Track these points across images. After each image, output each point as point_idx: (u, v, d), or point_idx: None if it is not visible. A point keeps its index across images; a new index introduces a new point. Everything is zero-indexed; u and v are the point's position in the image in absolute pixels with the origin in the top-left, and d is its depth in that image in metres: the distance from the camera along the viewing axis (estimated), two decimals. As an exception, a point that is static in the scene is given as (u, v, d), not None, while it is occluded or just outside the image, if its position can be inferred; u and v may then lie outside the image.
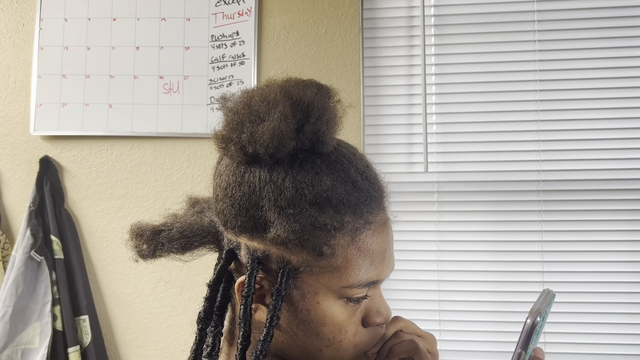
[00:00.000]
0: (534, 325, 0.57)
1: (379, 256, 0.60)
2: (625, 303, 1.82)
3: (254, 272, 0.59)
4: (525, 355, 0.57)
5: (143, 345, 1.97)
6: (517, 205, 1.88)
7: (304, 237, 0.57)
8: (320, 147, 0.60)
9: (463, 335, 1.88)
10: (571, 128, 1.88)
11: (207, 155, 1.98)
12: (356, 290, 0.59)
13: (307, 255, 0.58)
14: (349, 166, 0.60)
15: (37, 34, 2.04)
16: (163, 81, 1.99)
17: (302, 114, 0.59)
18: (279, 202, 0.58)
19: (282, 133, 0.58)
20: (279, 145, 0.58)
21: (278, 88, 0.61)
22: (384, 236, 0.61)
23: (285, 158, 0.59)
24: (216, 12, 2.00)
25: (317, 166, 0.59)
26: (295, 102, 0.60)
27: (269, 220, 0.58)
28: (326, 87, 0.63)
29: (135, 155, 2.01)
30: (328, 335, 0.59)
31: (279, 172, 0.58)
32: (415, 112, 1.93)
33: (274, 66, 1.98)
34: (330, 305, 0.59)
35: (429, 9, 1.95)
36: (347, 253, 0.58)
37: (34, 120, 2.02)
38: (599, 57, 1.88)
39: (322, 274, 0.58)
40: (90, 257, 2.00)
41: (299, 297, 0.59)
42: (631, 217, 1.84)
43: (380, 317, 0.62)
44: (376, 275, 0.60)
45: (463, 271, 1.89)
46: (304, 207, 0.57)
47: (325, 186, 0.58)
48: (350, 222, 0.58)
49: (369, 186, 0.61)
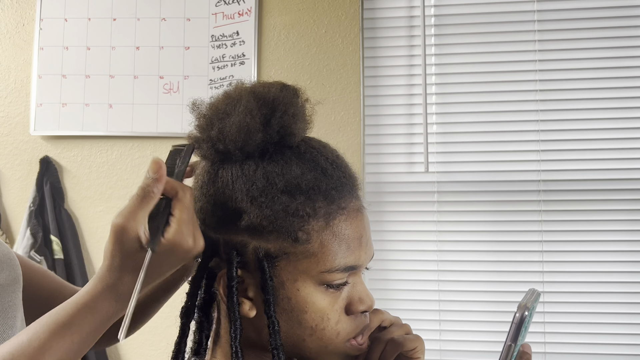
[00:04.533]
0: (523, 319, 0.59)
1: (355, 241, 0.61)
2: (625, 303, 1.82)
3: (233, 262, 0.60)
4: (515, 348, 0.59)
5: (143, 345, 1.97)
6: (517, 205, 1.88)
7: (277, 222, 0.59)
8: (288, 139, 0.62)
9: (463, 335, 1.87)
10: (571, 128, 1.88)
11: (207, 155, 1.98)
12: (335, 275, 0.60)
13: (282, 242, 0.59)
14: (318, 156, 0.63)
15: (37, 34, 2.04)
16: (163, 81, 1.99)
17: (267, 109, 0.61)
18: (251, 192, 0.60)
19: (249, 125, 0.60)
20: (246, 138, 0.60)
21: (243, 88, 0.64)
22: (359, 222, 0.62)
23: (255, 152, 0.61)
24: (216, 12, 2.00)
25: (287, 157, 0.61)
26: (260, 97, 0.62)
27: (243, 210, 0.60)
28: (292, 86, 0.65)
29: (135, 155, 2.01)
30: (310, 323, 0.60)
31: (250, 165, 0.61)
32: (415, 112, 1.93)
33: (274, 66, 1.98)
34: (310, 292, 0.60)
35: (429, 9, 1.95)
36: (323, 238, 0.59)
37: (34, 120, 2.02)
38: (599, 57, 1.88)
39: (299, 261, 0.59)
40: (90, 257, 2.00)
41: (278, 285, 0.60)
42: (631, 217, 1.84)
43: (363, 305, 0.63)
44: (353, 261, 0.61)
45: (463, 271, 1.89)
46: (275, 195, 0.59)
47: (294, 174, 0.60)
48: (322, 207, 0.60)
49: (340, 174, 0.62)
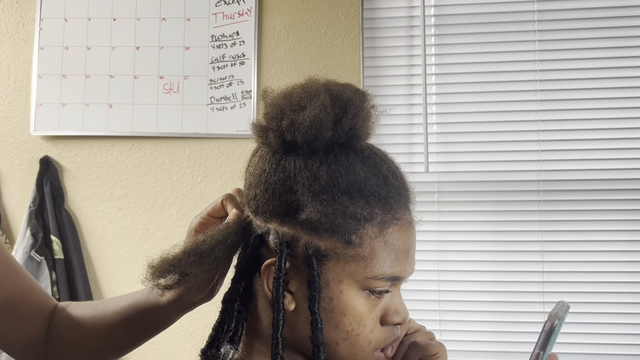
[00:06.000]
0: (552, 328, 0.61)
1: (403, 253, 0.62)
2: (625, 303, 1.82)
3: (283, 253, 0.60)
4: (543, 355, 0.61)
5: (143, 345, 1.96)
6: (517, 205, 1.88)
7: (336, 222, 0.59)
8: (355, 142, 0.63)
9: (463, 335, 1.87)
10: (571, 128, 1.88)
11: (207, 155, 1.98)
12: (379, 283, 0.60)
13: (335, 242, 0.59)
14: (381, 163, 0.63)
15: (37, 34, 2.04)
16: (163, 81, 1.99)
17: (340, 109, 0.62)
18: (313, 187, 0.60)
19: (322, 122, 0.60)
20: (317, 134, 0.60)
21: (319, 83, 0.64)
22: (409, 235, 0.63)
23: (321, 149, 0.62)
24: (216, 12, 2.00)
25: (351, 159, 0.62)
26: (335, 96, 0.62)
27: (302, 203, 0.60)
28: (364, 91, 0.66)
29: (135, 155, 2.01)
30: (347, 327, 0.61)
31: (315, 160, 0.61)
32: (415, 112, 1.93)
33: (274, 66, 1.98)
34: (352, 295, 0.60)
35: (429, 9, 1.95)
36: (374, 244, 0.60)
37: (34, 120, 2.02)
38: (599, 57, 1.88)
39: (348, 263, 0.60)
40: (90, 257, 2.00)
41: (323, 284, 0.60)
42: (631, 217, 1.84)
43: (398, 317, 0.63)
44: (399, 271, 0.62)
45: (463, 271, 1.89)
46: (336, 195, 0.60)
47: (358, 177, 0.61)
48: (379, 214, 0.60)
49: (399, 184, 0.64)
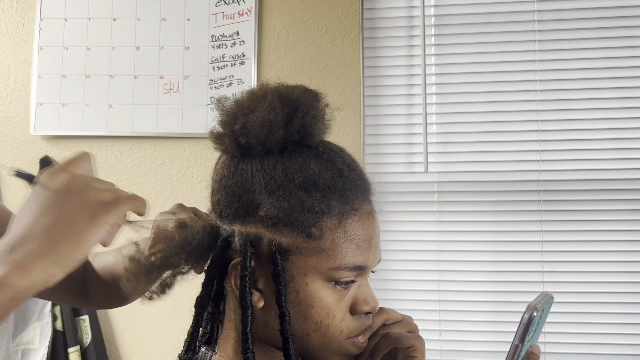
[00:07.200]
0: (531, 319, 0.60)
1: (365, 242, 0.63)
2: (625, 303, 1.82)
3: (247, 252, 0.62)
4: (522, 348, 0.60)
5: (143, 345, 1.97)
6: (517, 205, 1.88)
7: (293, 216, 0.61)
8: (308, 139, 0.65)
9: (463, 335, 1.87)
10: (571, 128, 1.88)
11: (207, 155, 1.98)
12: (343, 273, 0.62)
13: (296, 236, 0.61)
14: (335, 157, 0.65)
15: (37, 34, 2.04)
16: (163, 81, 1.99)
17: (290, 109, 0.64)
18: (269, 185, 0.62)
19: (271, 122, 0.62)
20: (268, 134, 0.62)
21: (268, 87, 0.67)
22: (370, 224, 0.65)
23: (276, 148, 0.64)
24: (216, 12, 2.00)
25: (305, 155, 0.64)
26: (284, 97, 0.64)
27: (260, 202, 0.62)
28: (314, 90, 0.67)
29: (135, 155, 2.01)
30: (316, 319, 0.62)
31: (270, 160, 0.63)
32: (415, 112, 1.93)
33: (274, 66, 1.98)
34: (318, 287, 0.62)
35: (429, 9, 1.95)
36: (334, 236, 0.62)
37: (34, 120, 2.02)
38: (599, 57, 1.88)
39: (310, 256, 0.62)
40: (90, 257, 2.00)
41: (288, 278, 0.62)
42: (631, 217, 1.84)
43: (367, 306, 0.65)
44: (362, 261, 0.63)
45: (463, 271, 1.89)
46: (292, 190, 0.61)
47: (312, 172, 0.63)
48: (336, 206, 0.62)
49: (355, 176, 0.65)
